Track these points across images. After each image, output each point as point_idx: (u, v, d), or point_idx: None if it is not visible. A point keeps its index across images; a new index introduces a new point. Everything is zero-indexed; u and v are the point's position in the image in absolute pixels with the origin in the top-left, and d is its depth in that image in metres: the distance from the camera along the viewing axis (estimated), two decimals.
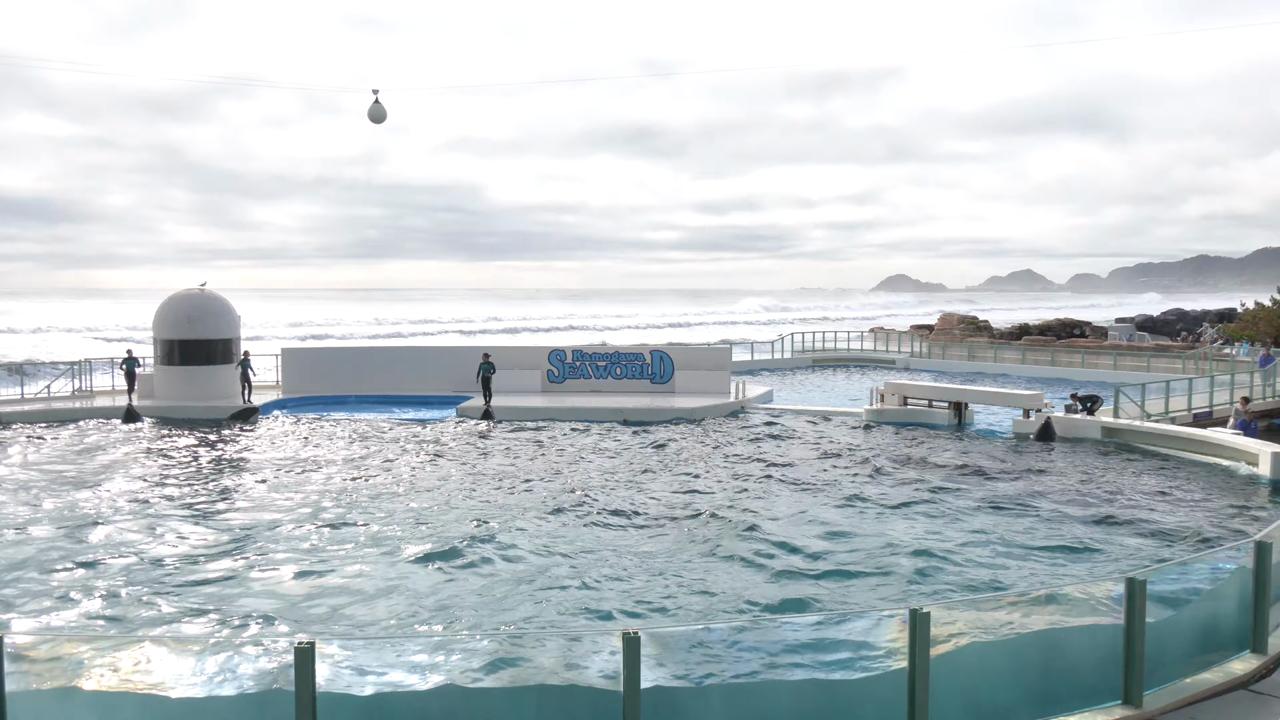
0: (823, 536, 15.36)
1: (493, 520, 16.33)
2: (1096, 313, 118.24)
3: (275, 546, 14.84)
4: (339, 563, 13.97)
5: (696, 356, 35.04)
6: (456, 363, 33.81)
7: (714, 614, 11.82)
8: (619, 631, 6.72)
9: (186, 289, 32.82)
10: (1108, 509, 17.19)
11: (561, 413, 29.21)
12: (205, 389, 30.99)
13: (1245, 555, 9.04)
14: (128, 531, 15.67)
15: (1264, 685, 8.48)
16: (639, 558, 14.15)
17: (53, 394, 32.20)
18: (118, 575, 13.31)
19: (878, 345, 55.41)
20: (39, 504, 17.53)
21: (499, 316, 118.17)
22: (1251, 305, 54.27)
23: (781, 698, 7.23)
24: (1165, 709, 7.94)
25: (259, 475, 20.41)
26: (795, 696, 7.29)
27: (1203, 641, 8.72)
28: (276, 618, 11.70)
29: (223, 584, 13.03)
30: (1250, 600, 8.94)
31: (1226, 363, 38.77)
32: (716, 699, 7.23)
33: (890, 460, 22.04)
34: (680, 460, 22.13)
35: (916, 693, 7.05)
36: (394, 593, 12.60)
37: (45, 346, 68.08)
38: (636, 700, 6.59)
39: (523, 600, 12.29)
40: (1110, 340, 58.31)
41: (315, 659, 6.43)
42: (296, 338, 72.29)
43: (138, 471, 20.83)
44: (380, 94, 30.48)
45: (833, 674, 7.55)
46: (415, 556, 14.17)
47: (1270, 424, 28.94)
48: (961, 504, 17.49)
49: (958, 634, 7.82)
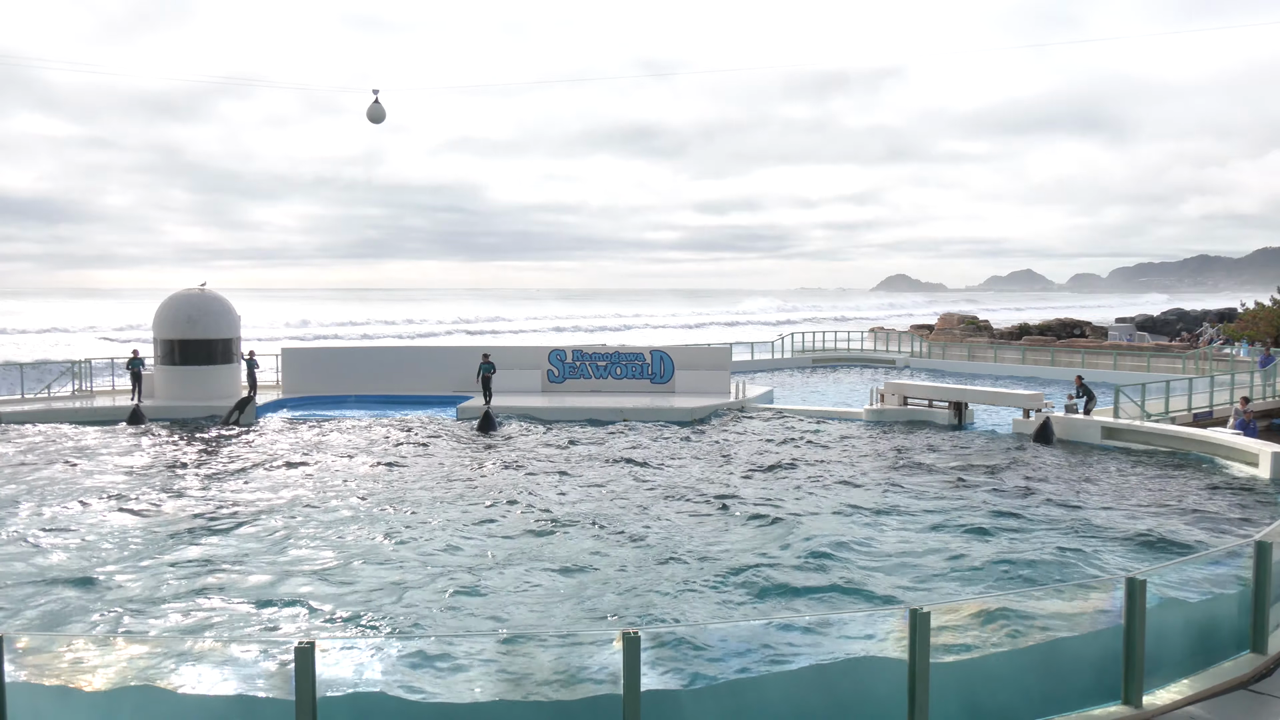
0: (823, 536, 15.35)
1: (493, 520, 16.34)
2: (1096, 313, 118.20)
3: (276, 547, 14.83)
4: (339, 563, 13.96)
5: (696, 356, 35.04)
6: (456, 363, 33.82)
7: (714, 614, 11.82)
8: (619, 631, 6.72)
9: (187, 289, 32.82)
10: (1107, 509, 17.19)
11: (561, 413, 29.20)
12: (206, 389, 30.99)
13: (1245, 555, 9.05)
14: (128, 531, 15.67)
15: (1264, 685, 8.48)
16: (639, 558, 14.14)
17: (53, 394, 32.19)
18: (117, 575, 13.31)
19: (878, 345, 55.41)
20: (39, 504, 17.53)
21: (502, 316, 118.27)
22: (1252, 305, 54.27)
23: (781, 697, 7.23)
24: (1165, 709, 7.94)
25: (259, 475, 20.40)
26: (795, 695, 7.29)
27: (1203, 641, 8.72)
28: (276, 617, 11.70)
29: (223, 584, 13.02)
30: (1250, 600, 8.94)
31: (1226, 363, 38.78)
32: (716, 698, 7.23)
33: (890, 460, 22.03)
34: (680, 460, 22.12)
35: (916, 693, 7.05)
36: (395, 593, 12.59)
37: (45, 347, 68.12)
38: (636, 700, 6.59)
39: (524, 600, 12.29)
40: (1110, 340, 58.31)
41: (315, 659, 6.43)
42: (296, 338, 72.30)
43: (138, 471, 20.82)
44: (380, 94, 30.50)
45: (833, 673, 7.55)
46: (416, 557, 14.17)
47: (1270, 424, 28.95)
48: (961, 503, 17.47)
49: (958, 633, 7.83)
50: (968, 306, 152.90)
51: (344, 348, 42.15)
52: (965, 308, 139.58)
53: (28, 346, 71.00)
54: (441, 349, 39.27)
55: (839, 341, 54.93)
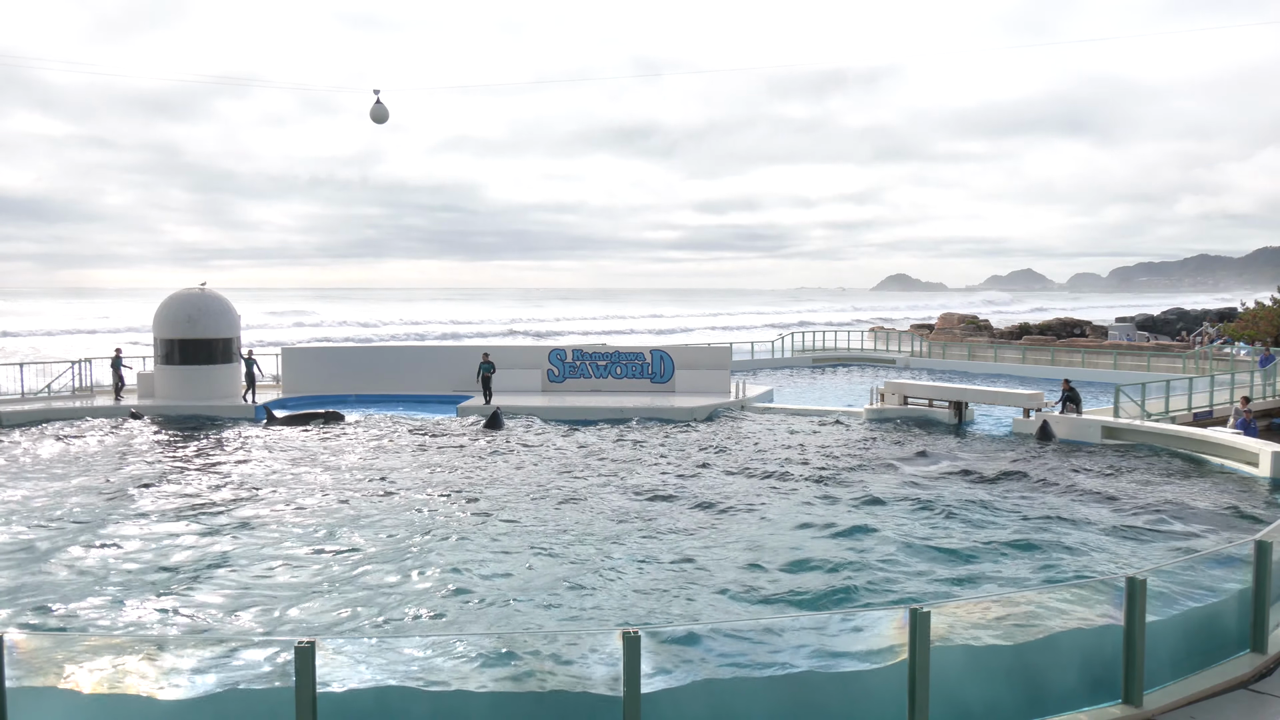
0: (823, 536, 15.36)
1: (493, 519, 16.33)
2: (1097, 313, 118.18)
3: (276, 547, 14.83)
4: (339, 563, 13.96)
5: (697, 356, 35.02)
6: (456, 362, 33.81)
7: (714, 614, 11.82)
8: (619, 631, 6.72)
9: (186, 288, 32.82)
10: (1107, 508, 17.19)
11: (562, 412, 29.20)
12: (206, 388, 30.99)
13: (1245, 555, 9.04)
14: (127, 531, 15.67)
15: (1264, 685, 8.49)
16: (639, 557, 14.14)
17: (53, 393, 32.19)
18: (117, 575, 13.30)
19: (878, 345, 55.41)
20: (38, 504, 17.53)
21: (503, 318, 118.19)
22: (1252, 305, 54.26)
23: (780, 695, 7.23)
24: (1165, 708, 7.94)
25: (258, 475, 20.40)
26: (795, 694, 7.28)
27: (1203, 641, 8.72)
28: (276, 618, 11.70)
29: (222, 583, 13.02)
30: (1250, 600, 8.95)
31: (1227, 362, 38.77)
32: (716, 697, 7.23)
33: (890, 459, 22.03)
34: (680, 459, 22.11)
35: (917, 692, 7.05)
36: (395, 593, 12.60)
37: (45, 347, 68.11)
38: (637, 700, 6.59)
39: (524, 601, 12.28)
40: (1110, 340, 58.28)
41: (315, 659, 6.43)
42: (296, 340, 72.26)
43: (137, 471, 20.81)
44: (381, 93, 30.45)
45: (832, 672, 7.55)
46: (416, 555, 14.17)
47: (1270, 423, 28.95)
48: (961, 503, 17.47)
49: (958, 632, 7.82)
50: (970, 307, 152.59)
51: (344, 348, 42.17)
52: (968, 308, 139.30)
53: (28, 346, 71.01)
54: (441, 349, 39.27)
55: (839, 341, 54.94)
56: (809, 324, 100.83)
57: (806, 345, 53.27)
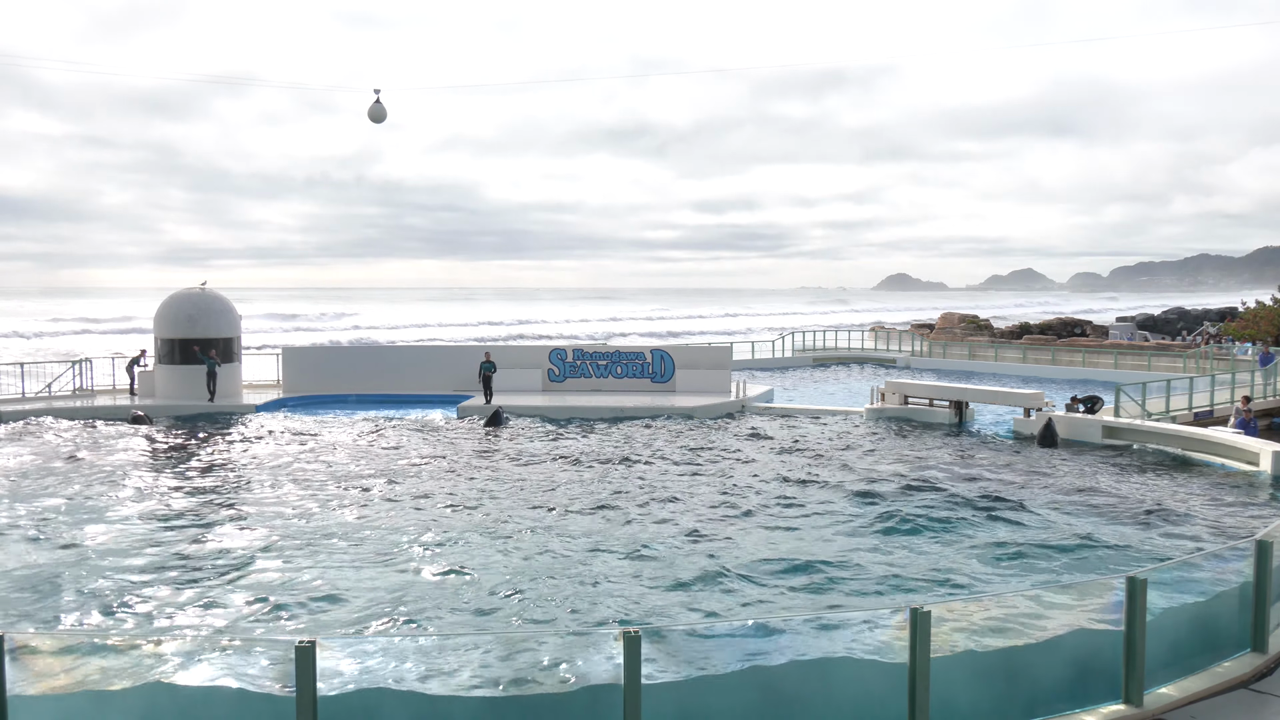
0: (823, 536, 15.36)
1: (493, 518, 16.33)
2: (1097, 312, 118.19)
3: (276, 545, 14.83)
4: (339, 563, 13.96)
5: (697, 355, 35.03)
6: (457, 362, 33.82)
7: (714, 614, 11.82)
8: (619, 631, 6.72)
9: (187, 288, 32.84)
10: (1108, 508, 17.18)
11: (562, 412, 29.20)
12: (206, 388, 30.97)
13: (1245, 554, 9.04)
14: (126, 531, 15.67)
15: (1264, 685, 8.48)
16: (640, 557, 14.14)
17: (54, 393, 32.19)
18: (117, 575, 13.30)
19: (878, 344, 55.39)
20: (38, 504, 17.53)
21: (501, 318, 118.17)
22: (1252, 304, 54.22)
23: (780, 695, 7.22)
24: (1165, 708, 7.94)
25: (258, 475, 20.40)
26: (794, 693, 7.28)
27: (1203, 641, 8.72)
28: (276, 617, 11.70)
29: (222, 583, 13.02)
30: (1250, 599, 8.94)
31: (1227, 362, 38.76)
32: (715, 696, 7.22)
33: (890, 459, 22.03)
34: (680, 459, 22.11)
35: (917, 692, 7.05)
36: (395, 591, 12.60)
37: (45, 346, 68.14)
38: (637, 700, 6.59)
39: (524, 601, 12.28)
40: (1111, 339, 58.27)
41: (315, 659, 6.43)
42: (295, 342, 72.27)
43: (137, 470, 20.82)
44: (380, 93, 30.46)
45: (832, 672, 7.54)
46: (416, 557, 14.16)
47: (1270, 423, 28.93)
48: (961, 502, 17.47)
49: (959, 632, 7.83)
50: (970, 306, 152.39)
51: (344, 347, 42.17)
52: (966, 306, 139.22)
53: (27, 346, 71.04)
54: (441, 348, 39.28)
55: (839, 340, 54.94)
56: (810, 327, 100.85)
57: (807, 345, 53.26)
